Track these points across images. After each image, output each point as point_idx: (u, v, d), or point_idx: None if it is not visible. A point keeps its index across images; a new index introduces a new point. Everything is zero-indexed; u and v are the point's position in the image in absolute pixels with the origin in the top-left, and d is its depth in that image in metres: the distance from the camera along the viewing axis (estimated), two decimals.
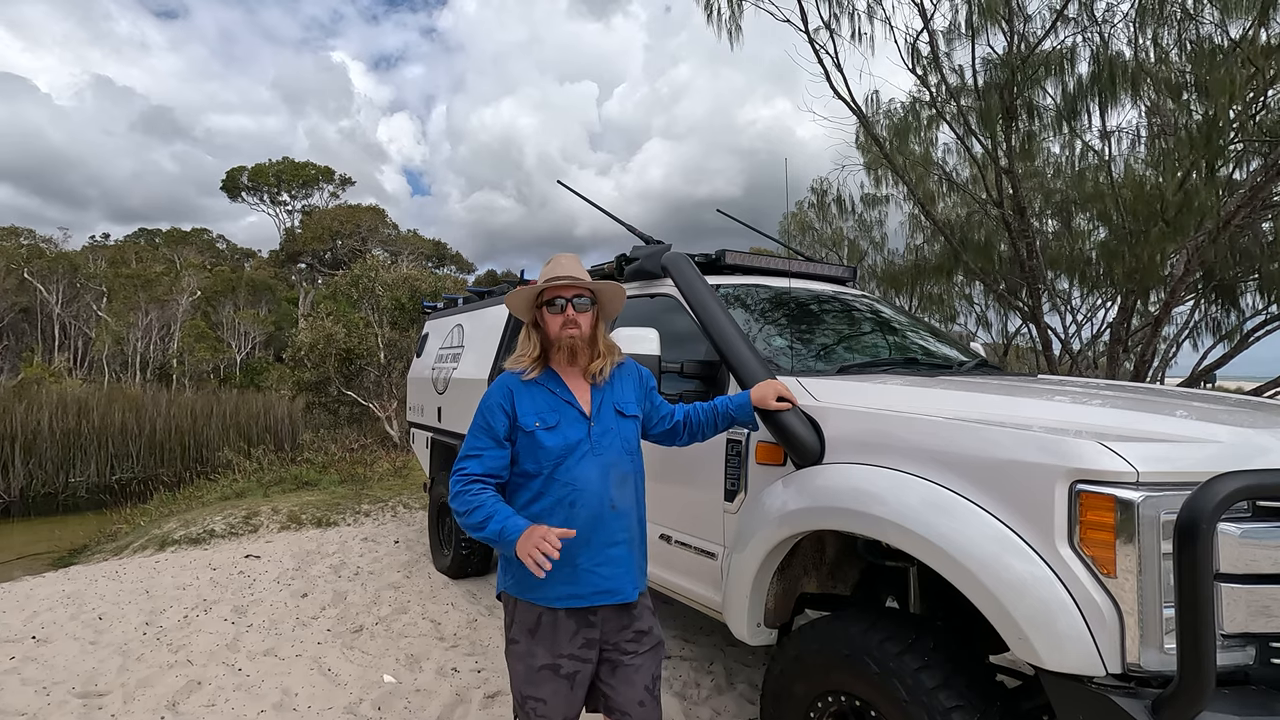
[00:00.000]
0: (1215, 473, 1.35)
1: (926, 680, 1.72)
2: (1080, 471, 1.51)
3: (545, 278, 1.91)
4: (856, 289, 3.78)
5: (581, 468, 1.83)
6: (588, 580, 1.81)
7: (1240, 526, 1.45)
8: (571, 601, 1.81)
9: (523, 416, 1.84)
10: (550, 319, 1.89)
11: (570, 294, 1.89)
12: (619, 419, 1.93)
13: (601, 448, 1.87)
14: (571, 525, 1.77)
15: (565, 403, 1.88)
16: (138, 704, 3.12)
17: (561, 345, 1.89)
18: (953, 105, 7.09)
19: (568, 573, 1.79)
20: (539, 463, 1.83)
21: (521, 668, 1.84)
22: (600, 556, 1.82)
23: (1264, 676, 1.46)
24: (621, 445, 1.91)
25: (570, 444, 1.84)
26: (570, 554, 1.77)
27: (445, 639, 3.85)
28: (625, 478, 1.90)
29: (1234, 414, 1.92)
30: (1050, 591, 1.52)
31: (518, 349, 1.96)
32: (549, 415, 1.85)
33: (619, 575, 1.84)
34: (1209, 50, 5.59)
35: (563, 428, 1.85)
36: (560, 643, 1.82)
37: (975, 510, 1.67)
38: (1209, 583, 1.29)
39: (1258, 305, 8.48)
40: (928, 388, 2.24)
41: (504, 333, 4.38)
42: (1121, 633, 1.45)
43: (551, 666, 1.81)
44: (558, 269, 1.91)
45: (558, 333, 1.88)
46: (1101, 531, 1.48)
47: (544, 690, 1.80)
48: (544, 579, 1.70)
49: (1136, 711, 1.37)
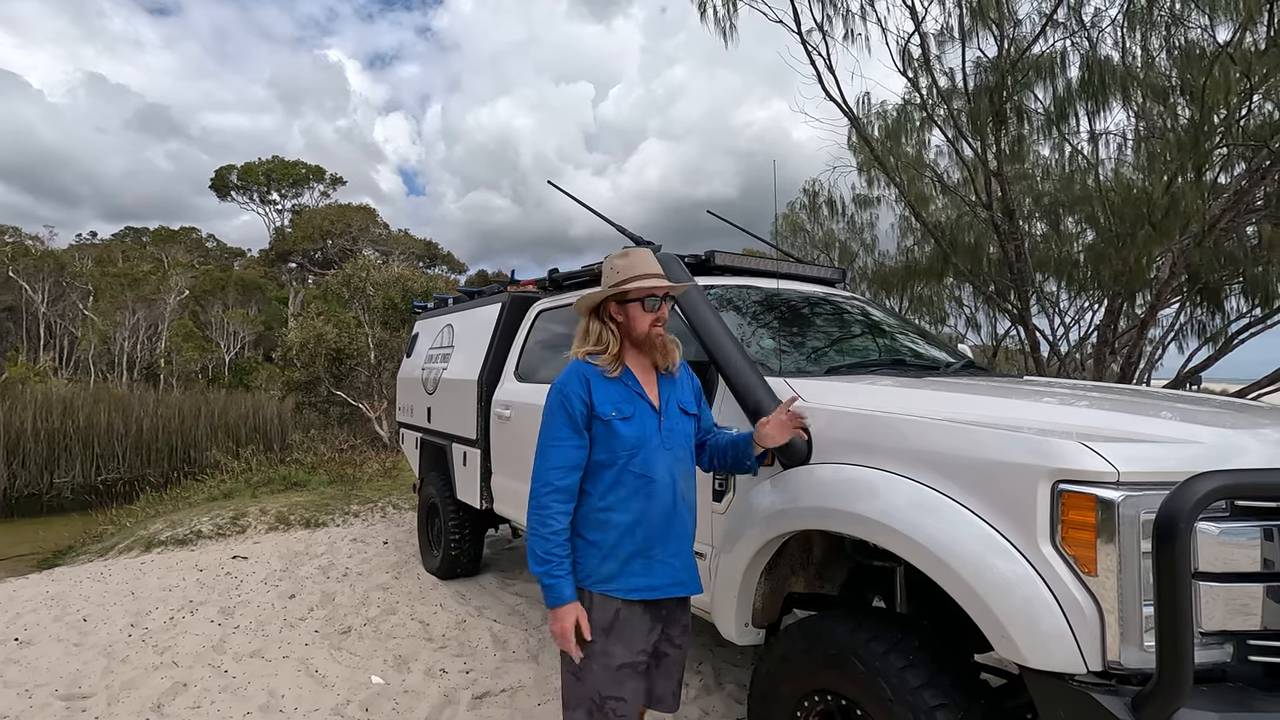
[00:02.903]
0: (1194, 473, 1.37)
1: (911, 679, 1.73)
2: (1062, 471, 1.53)
3: (632, 274, 1.89)
4: (846, 290, 3.80)
5: (655, 460, 1.86)
6: (663, 571, 1.86)
7: (1219, 526, 1.47)
8: (649, 593, 1.84)
9: (600, 405, 1.85)
10: (640, 316, 1.90)
11: (661, 292, 1.92)
12: (682, 416, 1.97)
13: (671, 442, 1.91)
14: (648, 516, 1.83)
15: (637, 395, 1.90)
16: (122, 706, 3.09)
17: (655, 343, 1.93)
18: (943, 108, 7.13)
19: (642, 564, 1.84)
20: (613, 452, 1.84)
21: (597, 667, 1.81)
22: (674, 548, 1.88)
23: (1242, 674, 1.48)
24: (685, 441, 1.96)
25: (644, 436, 1.86)
26: (647, 545, 1.83)
27: (434, 640, 3.84)
28: (689, 473, 1.96)
29: (1215, 415, 1.94)
30: (1033, 590, 1.53)
31: (590, 342, 1.93)
32: (624, 406, 1.87)
33: (689, 568, 1.92)
34: (1196, 54, 5.65)
35: (637, 419, 1.87)
36: (637, 638, 1.84)
37: (960, 510, 1.68)
38: (1187, 581, 1.31)
39: (1242, 308, 8.58)
40: (914, 389, 2.25)
41: (493, 333, 4.37)
42: (1102, 631, 1.46)
43: (631, 664, 1.83)
44: (646, 267, 1.91)
45: (647, 329, 1.91)
46: (1083, 531, 1.50)
47: (626, 689, 1.82)
48: (620, 570, 1.80)
49: (1116, 709, 1.39)
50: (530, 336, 4.13)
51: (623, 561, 1.83)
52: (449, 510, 4.79)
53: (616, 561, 1.83)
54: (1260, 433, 1.78)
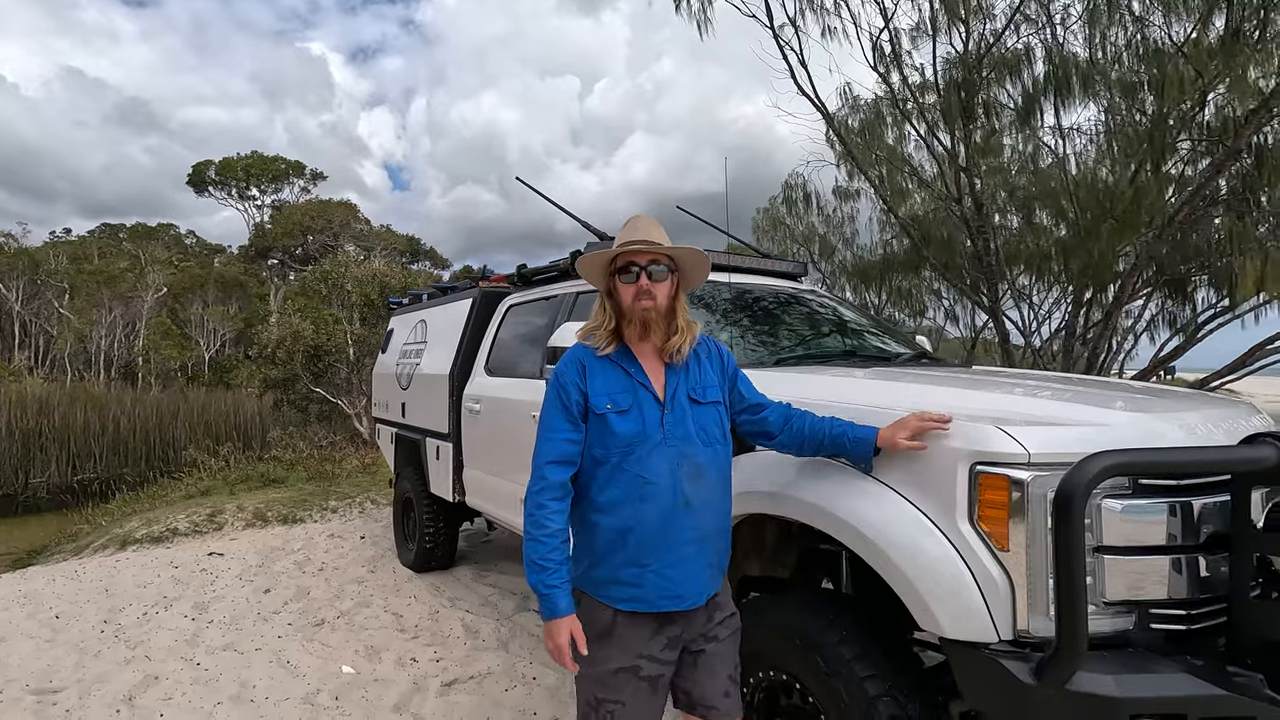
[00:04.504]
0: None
1: (845, 652, 1.82)
2: (979, 453, 1.62)
3: (620, 241, 1.71)
4: (809, 285, 3.89)
5: (653, 459, 1.65)
6: (654, 584, 1.64)
7: (1122, 503, 1.57)
8: (637, 605, 1.65)
9: (594, 397, 1.67)
10: (623, 288, 1.70)
11: (645, 260, 1.68)
12: (695, 406, 1.73)
13: (675, 438, 1.68)
14: (640, 521, 1.63)
15: (639, 385, 1.70)
16: (93, 699, 3.13)
17: (634, 318, 1.69)
18: (913, 104, 7.25)
19: (634, 573, 1.64)
20: (606, 449, 1.65)
21: (593, 672, 1.66)
22: (669, 558, 1.65)
23: (1144, 640, 1.58)
24: (698, 435, 1.71)
25: (642, 432, 1.66)
26: (638, 553, 1.63)
27: (406, 631, 3.90)
28: (700, 470, 1.69)
29: (1135, 402, 2.05)
30: (951, 567, 1.62)
31: (591, 319, 1.78)
32: (621, 397, 1.67)
33: (687, 579, 1.66)
34: (1154, 52, 5.80)
35: (635, 413, 1.67)
36: (636, 644, 1.66)
37: (886, 491, 1.77)
38: (1082, 553, 1.40)
39: (1211, 300, 8.80)
40: (857, 378, 2.34)
41: (464, 328, 4.42)
42: (1013, 602, 1.56)
43: (630, 669, 1.65)
44: (633, 232, 1.71)
45: (630, 304, 1.69)
46: (997, 509, 1.59)
47: (625, 693, 1.64)
48: (610, 577, 1.64)
49: (1022, 673, 1.48)
50: (500, 331, 4.19)
51: (613, 568, 1.66)
52: (423, 504, 4.84)
53: (607, 567, 1.67)
54: (1176, 417, 1.89)
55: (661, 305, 1.70)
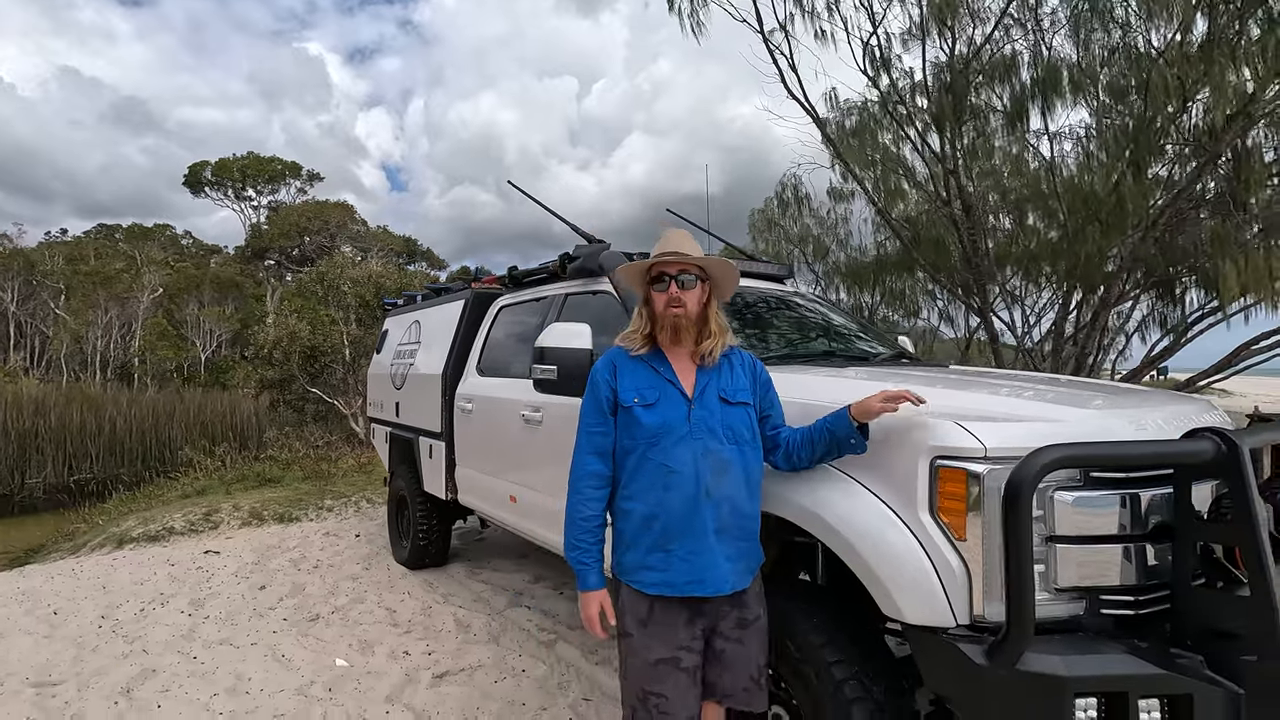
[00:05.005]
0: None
1: (814, 639, 1.91)
2: (939, 448, 1.71)
3: (656, 253, 1.89)
4: (793, 287, 3.97)
5: (677, 450, 1.78)
6: (681, 569, 1.76)
7: (1073, 495, 1.66)
8: (665, 589, 1.78)
9: (622, 392, 1.84)
10: (656, 296, 1.87)
11: (675, 270, 1.85)
12: (723, 405, 1.85)
13: (700, 432, 1.81)
14: (666, 508, 1.77)
15: (667, 382, 1.85)
16: (92, 691, 3.20)
17: (665, 324, 1.87)
18: (902, 107, 7.35)
19: (660, 558, 1.78)
20: (634, 439, 1.81)
21: (638, 662, 1.79)
22: (692, 545, 1.76)
23: (1094, 625, 1.66)
24: (724, 432, 1.83)
25: (667, 424, 1.80)
26: (664, 538, 1.77)
27: (399, 625, 3.97)
28: (725, 465, 1.80)
29: (1092, 399, 2.14)
30: (913, 556, 1.71)
31: (630, 324, 1.95)
32: (648, 392, 1.83)
33: (707, 565, 1.77)
34: (1135, 57, 5.90)
35: (661, 407, 1.82)
36: (674, 632, 1.78)
37: (854, 485, 1.86)
38: (1029, 541, 1.49)
39: (1200, 301, 8.90)
40: (831, 377, 2.43)
41: (457, 329, 4.50)
42: (970, 589, 1.64)
43: (671, 660, 1.77)
44: (666, 244, 1.89)
45: (662, 310, 1.86)
46: (955, 501, 1.68)
47: (666, 685, 1.76)
48: (639, 562, 1.79)
49: (976, 655, 1.57)
50: (492, 332, 4.27)
51: (642, 553, 1.80)
52: (417, 502, 4.92)
53: (637, 552, 1.81)
54: (1128, 414, 1.98)
55: (691, 312, 1.87)
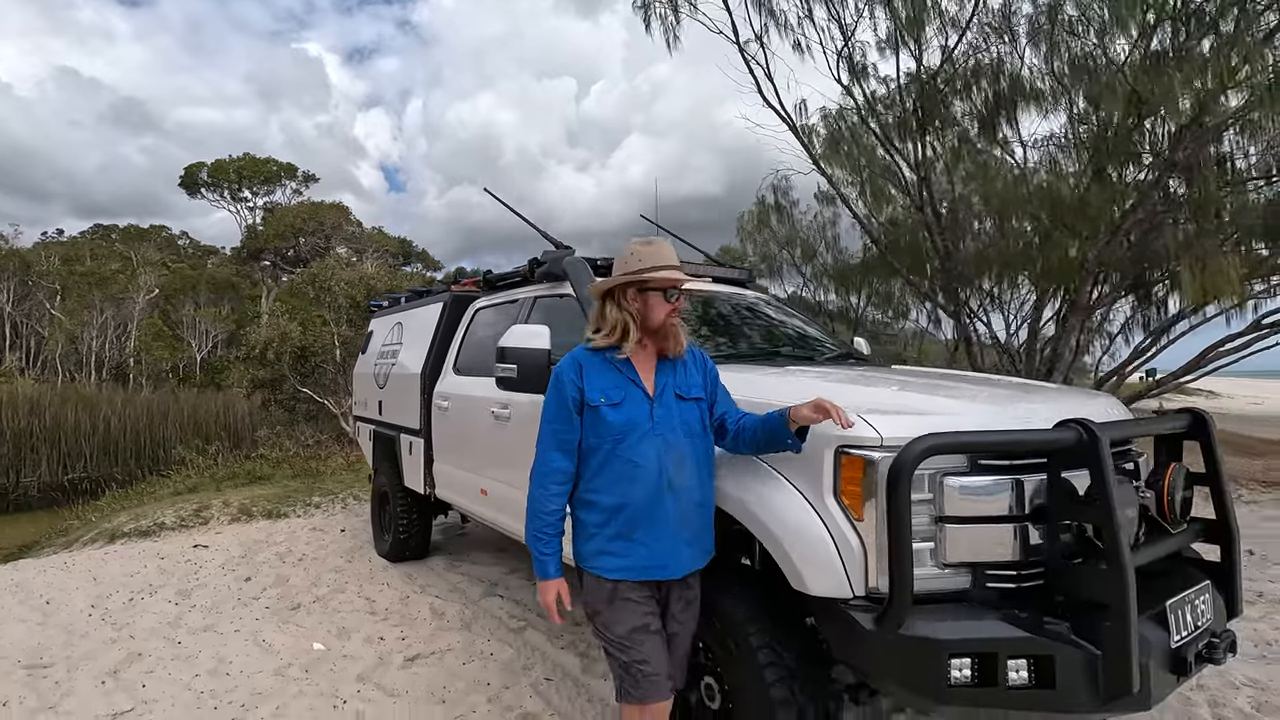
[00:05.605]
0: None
1: (739, 615, 2.09)
2: (842, 438, 1.90)
3: (657, 264, 1.95)
4: (753, 290, 4.16)
5: (641, 446, 1.91)
6: (640, 554, 1.92)
7: (960, 480, 1.85)
8: (625, 574, 1.92)
9: (589, 391, 1.93)
10: (659, 306, 1.97)
11: (683, 285, 2.02)
12: (679, 402, 2.00)
13: (662, 428, 1.94)
14: (629, 500, 1.90)
15: (630, 381, 1.97)
16: (81, 673, 3.37)
17: (668, 332, 1.99)
18: (874, 118, 7.57)
19: (621, 545, 1.92)
20: (600, 437, 1.92)
21: (612, 636, 1.93)
22: (655, 533, 1.92)
23: (980, 597, 1.86)
24: (682, 427, 1.98)
25: (632, 422, 1.92)
26: (629, 527, 1.91)
27: (377, 614, 4.15)
28: (684, 458, 1.96)
29: (991, 394, 2.34)
30: (819, 536, 1.90)
31: (605, 326, 1.99)
32: (613, 392, 1.94)
33: (669, 552, 1.93)
34: (1093, 69, 6.12)
35: (626, 406, 1.94)
36: (641, 605, 1.94)
37: (774, 474, 2.05)
38: (908, 519, 1.69)
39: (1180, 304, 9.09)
40: (767, 375, 2.62)
41: (435, 330, 4.68)
42: (866, 564, 1.84)
43: (642, 626, 1.92)
44: (659, 257, 1.97)
45: (663, 319, 1.97)
46: (854, 485, 1.87)
47: (645, 649, 1.91)
48: (601, 549, 1.93)
49: (866, 622, 1.76)
50: (469, 333, 4.45)
51: (604, 541, 1.93)
52: (398, 497, 5.10)
53: (600, 541, 1.94)
54: (1020, 408, 2.18)
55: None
